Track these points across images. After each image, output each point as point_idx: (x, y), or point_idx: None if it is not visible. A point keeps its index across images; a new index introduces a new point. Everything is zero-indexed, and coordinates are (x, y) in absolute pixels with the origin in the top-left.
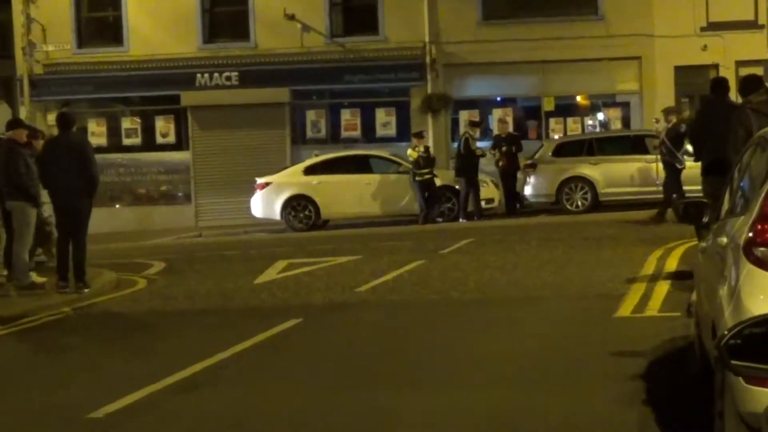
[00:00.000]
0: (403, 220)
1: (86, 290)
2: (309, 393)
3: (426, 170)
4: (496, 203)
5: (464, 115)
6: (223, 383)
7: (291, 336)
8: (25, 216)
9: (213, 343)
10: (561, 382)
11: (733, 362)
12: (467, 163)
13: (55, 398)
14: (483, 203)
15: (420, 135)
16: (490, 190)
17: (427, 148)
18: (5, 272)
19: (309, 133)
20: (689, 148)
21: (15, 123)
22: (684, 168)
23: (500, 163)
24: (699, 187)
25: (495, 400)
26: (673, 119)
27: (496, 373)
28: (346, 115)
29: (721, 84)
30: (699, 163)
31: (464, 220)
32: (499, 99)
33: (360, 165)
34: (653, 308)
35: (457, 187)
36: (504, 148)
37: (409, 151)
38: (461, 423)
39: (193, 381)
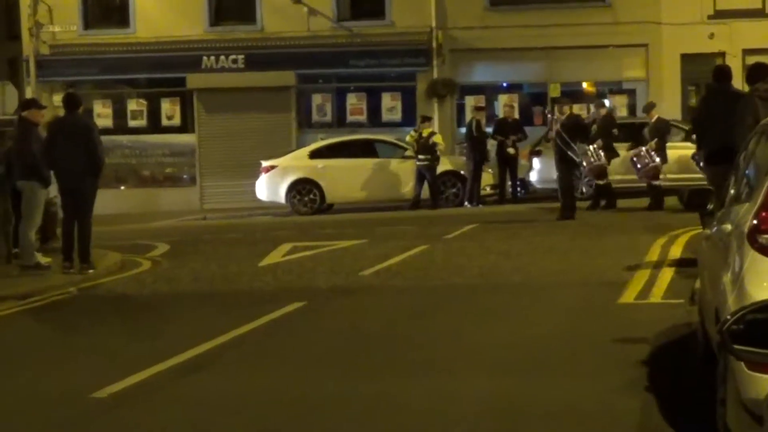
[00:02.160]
0: (408, 205)
1: (91, 271)
2: (312, 377)
3: (423, 156)
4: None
5: (470, 101)
6: (225, 366)
7: (294, 319)
8: (35, 196)
9: (216, 325)
10: (564, 368)
11: (735, 347)
12: (479, 147)
13: (59, 378)
14: (488, 189)
15: (423, 119)
16: (492, 177)
17: (424, 135)
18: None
19: (315, 117)
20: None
21: (30, 103)
22: (580, 162)
23: (511, 152)
24: (683, 175)
25: (498, 386)
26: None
27: (500, 359)
28: (351, 99)
29: (723, 72)
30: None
31: (470, 205)
32: (504, 85)
33: (365, 149)
34: (657, 295)
35: (462, 172)
36: (515, 137)
37: (408, 136)
38: (464, 409)
39: (197, 363)
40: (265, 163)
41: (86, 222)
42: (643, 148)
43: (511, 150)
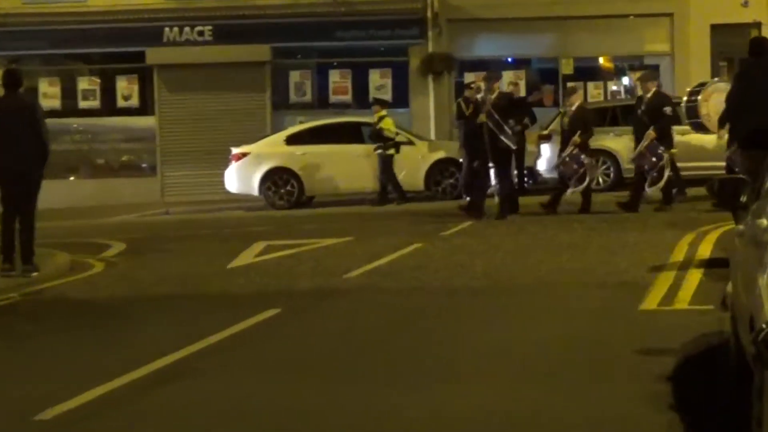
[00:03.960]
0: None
1: (35, 273)
2: (294, 390)
3: (375, 145)
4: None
5: (470, 78)
6: (194, 379)
7: (273, 326)
8: None
9: (182, 334)
10: (580, 380)
11: None
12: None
13: None
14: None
15: (374, 101)
16: None
17: (380, 118)
18: None
19: (293, 97)
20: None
21: None
22: (514, 148)
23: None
24: (696, 164)
25: (506, 398)
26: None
27: (507, 368)
28: (335, 76)
29: (761, 44)
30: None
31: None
32: (510, 60)
33: (351, 134)
34: (683, 300)
35: (460, 160)
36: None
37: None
38: (469, 423)
39: (160, 376)
40: (235, 150)
41: (29, 217)
42: (567, 151)
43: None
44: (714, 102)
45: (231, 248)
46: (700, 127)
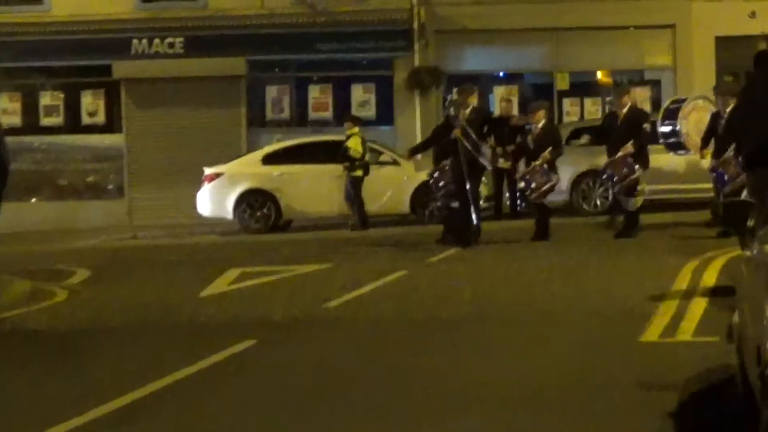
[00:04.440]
0: (384, 221)
1: None
2: (270, 427)
3: (343, 165)
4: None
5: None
6: (159, 417)
7: (247, 360)
8: None
9: (148, 368)
10: (576, 417)
11: None
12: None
13: None
14: (482, 202)
15: (347, 118)
16: (486, 188)
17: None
18: None
19: (270, 114)
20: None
21: None
22: (489, 168)
23: (504, 165)
24: (693, 186)
25: None
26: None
27: (496, 404)
28: (315, 91)
29: (767, 57)
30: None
31: None
32: (502, 74)
33: (332, 153)
34: (686, 331)
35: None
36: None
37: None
38: None
39: (122, 415)
40: (208, 170)
41: None
42: (537, 164)
43: (504, 163)
44: (693, 120)
45: (203, 275)
46: (677, 147)
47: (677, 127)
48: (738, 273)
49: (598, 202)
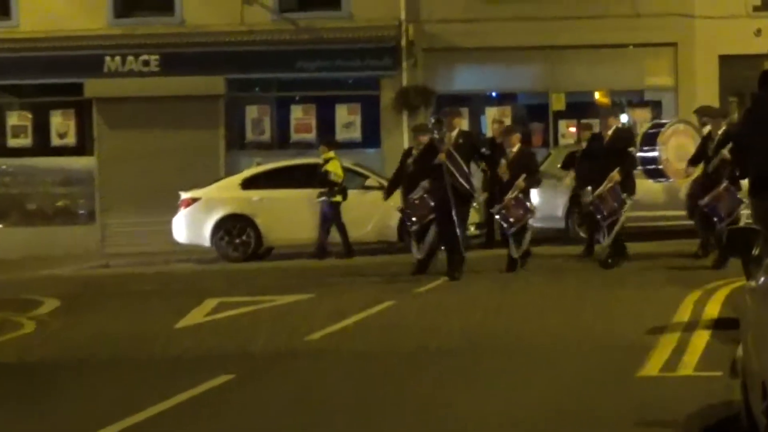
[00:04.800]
0: (369, 249)
1: None
2: None
3: (321, 190)
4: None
5: None
6: None
7: (224, 395)
8: None
9: (120, 404)
10: None
11: None
12: None
13: None
14: (473, 229)
15: (323, 141)
16: (478, 214)
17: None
18: None
19: (250, 135)
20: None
21: None
22: (474, 195)
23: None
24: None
25: None
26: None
27: None
28: (297, 112)
29: None
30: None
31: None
32: (494, 95)
33: (314, 177)
34: (688, 365)
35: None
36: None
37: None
38: None
39: None
40: (185, 195)
41: None
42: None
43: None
44: (673, 145)
45: (179, 306)
46: (656, 175)
47: (657, 153)
48: (742, 304)
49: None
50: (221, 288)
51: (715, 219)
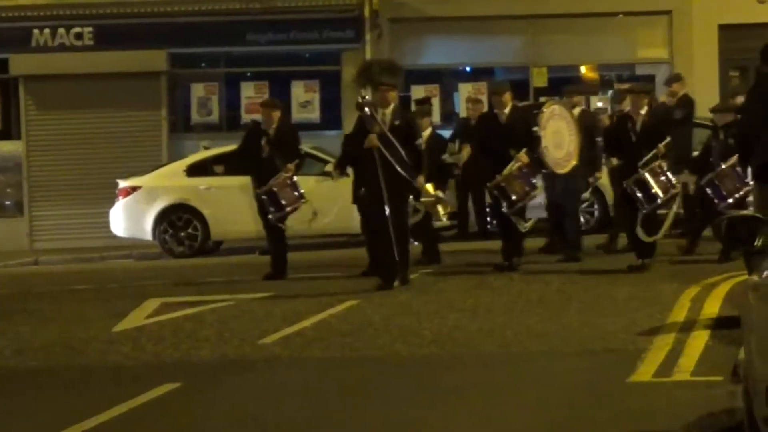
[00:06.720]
0: (330, 242)
1: None
2: None
3: None
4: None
5: (418, 92)
6: None
7: (168, 406)
8: None
9: (51, 418)
10: None
11: None
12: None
13: None
14: (445, 219)
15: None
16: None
17: None
18: None
19: (195, 116)
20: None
21: None
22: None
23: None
24: None
25: None
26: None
27: None
28: (248, 90)
29: None
30: None
31: (416, 242)
32: (468, 69)
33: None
34: (685, 369)
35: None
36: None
37: None
38: None
39: None
40: (123, 183)
41: None
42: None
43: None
44: (551, 131)
45: (116, 308)
46: (539, 164)
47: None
48: (744, 301)
49: (582, 219)
50: (164, 287)
51: (716, 201)
